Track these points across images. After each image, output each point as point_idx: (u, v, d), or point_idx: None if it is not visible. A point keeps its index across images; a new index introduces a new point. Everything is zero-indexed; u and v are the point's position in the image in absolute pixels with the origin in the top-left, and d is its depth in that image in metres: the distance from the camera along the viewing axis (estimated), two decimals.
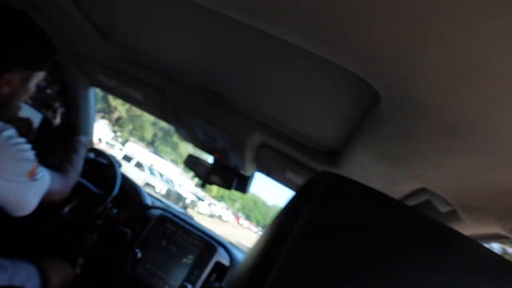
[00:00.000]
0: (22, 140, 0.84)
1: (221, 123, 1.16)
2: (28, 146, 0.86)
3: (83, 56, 1.41)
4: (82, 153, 1.28)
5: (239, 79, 0.91)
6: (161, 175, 17.26)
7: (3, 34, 0.83)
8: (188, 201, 17.46)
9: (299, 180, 1.25)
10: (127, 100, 1.55)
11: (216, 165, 1.56)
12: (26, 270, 1.09)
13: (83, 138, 1.33)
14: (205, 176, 1.55)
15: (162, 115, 1.42)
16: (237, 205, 55.67)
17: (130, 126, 28.38)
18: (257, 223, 55.19)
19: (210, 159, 1.59)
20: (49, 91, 1.67)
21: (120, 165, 1.64)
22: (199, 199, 21.23)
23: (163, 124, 30.11)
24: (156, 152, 31.05)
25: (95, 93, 1.75)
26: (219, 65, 0.89)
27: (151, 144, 32.33)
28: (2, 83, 0.86)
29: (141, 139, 30.27)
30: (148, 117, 28.92)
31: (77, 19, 1.03)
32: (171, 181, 19.09)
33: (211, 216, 22.20)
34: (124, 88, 1.40)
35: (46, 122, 1.67)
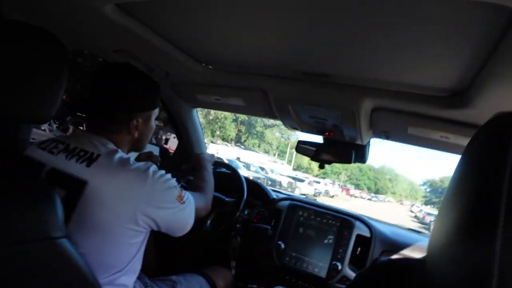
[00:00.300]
0: (163, 171, 0.93)
1: (328, 101, 1.14)
2: (169, 175, 0.95)
3: (180, 84, 1.54)
4: (210, 168, 1.37)
5: (336, 52, 0.89)
6: (247, 165, 17.83)
7: (122, 89, 0.95)
8: (285, 185, 17.54)
9: (424, 133, 1.16)
10: (229, 110, 1.65)
11: (329, 144, 1.54)
12: (196, 281, 1.24)
13: (206, 154, 1.43)
14: (320, 156, 1.55)
15: (266, 113, 1.47)
16: (343, 177, 54.14)
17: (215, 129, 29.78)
18: (369, 190, 53.02)
19: (320, 139, 1.58)
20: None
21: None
22: (299, 180, 21.29)
23: (243, 117, 31.21)
24: (246, 147, 32.20)
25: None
26: (312, 45, 0.88)
27: (238, 141, 33.53)
28: (132, 130, 0.99)
29: (225, 139, 31.68)
30: (227, 115, 30.25)
31: (172, 53, 1.13)
32: (262, 168, 19.62)
33: (315, 195, 22.03)
34: (225, 100, 1.49)
35: (162, 151, 1.90)
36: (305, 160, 47.52)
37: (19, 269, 0.56)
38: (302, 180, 22.16)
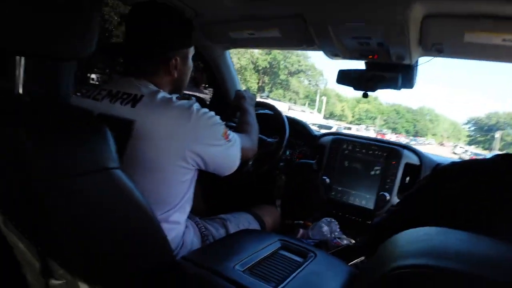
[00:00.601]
0: (206, 109, 0.93)
1: (372, 13, 1.05)
2: (213, 112, 0.94)
3: (211, 24, 1.49)
4: (252, 110, 1.35)
5: None
6: None
7: (156, 27, 0.93)
8: None
9: (483, 39, 1.04)
10: (265, 45, 1.59)
11: (372, 68, 1.45)
12: (245, 218, 1.28)
13: (247, 94, 1.41)
14: (363, 84, 1.47)
15: (305, 42, 1.39)
16: (378, 121, 51.48)
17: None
18: (407, 133, 50.93)
19: (361, 65, 1.49)
20: None
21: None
22: (325, 128, 20.55)
23: (265, 64, 30.04)
24: (272, 98, 31.47)
25: None
26: None
27: (262, 92, 32.76)
28: (172, 70, 0.97)
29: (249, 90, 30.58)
30: (248, 66, 29.41)
31: None
32: None
33: None
34: (259, 33, 1.43)
35: (198, 100, 1.89)
36: (338, 107, 45.88)
37: (82, 201, 0.59)
38: (329, 127, 21.60)
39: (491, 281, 0.23)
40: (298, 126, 1.87)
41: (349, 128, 26.61)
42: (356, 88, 1.50)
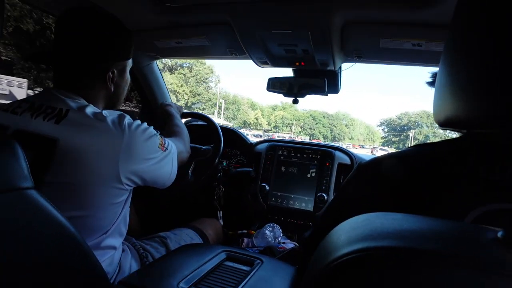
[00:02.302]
0: (138, 121, 0.86)
1: (297, 20, 1.10)
2: (145, 124, 0.88)
3: (136, 32, 1.41)
4: (178, 115, 1.31)
5: None
6: None
7: (93, 36, 0.83)
8: None
9: (396, 44, 1.16)
10: (193, 55, 1.55)
11: (300, 75, 1.52)
12: (186, 234, 1.22)
13: (172, 104, 1.36)
14: (293, 90, 1.53)
15: (233, 50, 1.39)
16: (295, 128, 53.25)
17: None
18: (325, 138, 52.55)
19: (289, 72, 1.55)
20: None
21: None
22: None
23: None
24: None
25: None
26: None
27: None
28: (108, 83, 0.89)
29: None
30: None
31: None
32: None
33: None
34: (187, 42, 1.39)
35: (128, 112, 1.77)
36: (251, 116, 45.98)
37: None
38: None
39: (425, 250, 0.25)
40: (232, 136, 1.86)
41: (260, 136, 27.37)
42: (286, 95, 1.55)
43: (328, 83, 1.47)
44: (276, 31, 1.16)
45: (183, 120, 1.58)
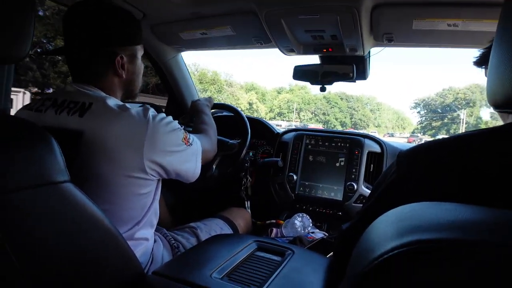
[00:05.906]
0: (163, 114, 0.87)
1: (322, 5, 1.06)
2: (170, 117, 0.88)
3: (160, 25, 1.41)
4: (208, 111, 1.30)
5: None
6: None
7: (97, 23, 0.84)
8: None
9: (430, 25, 1.09)
10: (218, 45, 1.54)
11: (326, 62, 1.48)
12: (216, 223, 1.23)
13: (201, 99, 1.36)
14: (320, 78, 1.50)
15: (258, 38, 1.37)
16: (305, 114, 45.22)
17: None
18: (343, 125, 43.84)
19: (315, 59, 1.51)
20: None
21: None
22: None
23: None
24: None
25: None
26: None
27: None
28: (119, 70, 0.89)
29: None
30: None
31: None
32: None
33: None
34: (212, 32, 1.38)
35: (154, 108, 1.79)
36: (243, 100, 40.61)
37: (28, 217, 0.51)
38: None
39: (486, 242, 0.23)
40: (259, 126, 1.85)
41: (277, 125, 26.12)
42: (313, 83, 1.51)
43: (356, 69, 1.43)
44: (303, 16, 1.13)
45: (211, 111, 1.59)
